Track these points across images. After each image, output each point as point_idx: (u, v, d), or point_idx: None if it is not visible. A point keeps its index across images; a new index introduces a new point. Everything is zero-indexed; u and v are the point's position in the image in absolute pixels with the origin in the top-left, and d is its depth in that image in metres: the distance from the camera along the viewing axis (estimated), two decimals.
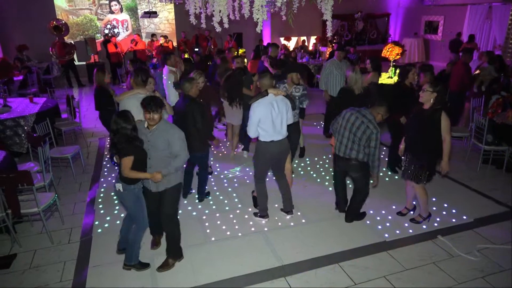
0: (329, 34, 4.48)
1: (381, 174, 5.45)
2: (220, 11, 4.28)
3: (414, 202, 4.48)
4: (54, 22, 11.43)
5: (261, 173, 4.23)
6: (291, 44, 14.47)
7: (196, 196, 4.82)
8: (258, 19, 4.07)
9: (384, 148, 6.23)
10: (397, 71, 8.44)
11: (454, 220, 4.33)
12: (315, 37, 14.81)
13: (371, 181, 4.04)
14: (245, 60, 8.41)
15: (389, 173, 5.54)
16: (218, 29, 4.31)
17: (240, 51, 10.71)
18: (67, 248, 3.91)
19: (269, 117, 3.88)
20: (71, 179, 5.41)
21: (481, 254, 3.75)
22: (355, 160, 3.92)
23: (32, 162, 4.95)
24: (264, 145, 4.01)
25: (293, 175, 5.24)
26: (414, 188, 4.16)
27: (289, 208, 4.40)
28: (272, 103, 3.89)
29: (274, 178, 4.49)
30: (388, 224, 4.25)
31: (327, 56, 11.82)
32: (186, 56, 7.90)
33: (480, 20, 13.22)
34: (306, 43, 14.38)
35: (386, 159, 5.71)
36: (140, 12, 13.66)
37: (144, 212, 3.40)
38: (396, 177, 5.41)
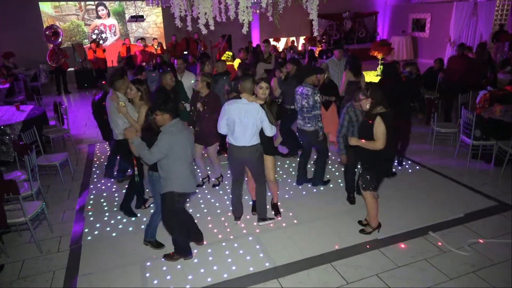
0: (315, 34, 4.48)
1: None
2: (205, 14, 4.26)
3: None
4: (52, 30, 11.36)
5: (232, 174, 4.27)
6: (281, 44, 14.49)
7: None
8: (244, 20, 4.06)
9: None
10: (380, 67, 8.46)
11: (444, 215, 4.35)
12: (304, 37, 14.85)
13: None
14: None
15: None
16: (204, 31, 4.30)
17: (227, 54, 10.55)
18: (56, 257, 3.85)
19: (233, 121, 3.85)
20: (60, 186, 5.33)
21: (472, 248, 3.77)
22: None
23: (19, 170, 4.86)
24: (229, 146, 4.09)
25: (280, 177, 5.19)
26: (363, 195, 3.99)
27: (261, 215, 4.29)
28: (240, 109, 3.82)
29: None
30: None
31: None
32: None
33: (466, 17, 13.36)
34: (295, 44, 14.41)
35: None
36: (127, 17, 13.57)
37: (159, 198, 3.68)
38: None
